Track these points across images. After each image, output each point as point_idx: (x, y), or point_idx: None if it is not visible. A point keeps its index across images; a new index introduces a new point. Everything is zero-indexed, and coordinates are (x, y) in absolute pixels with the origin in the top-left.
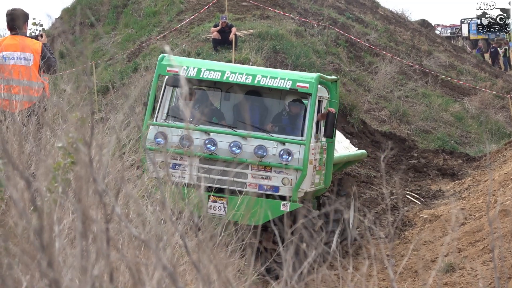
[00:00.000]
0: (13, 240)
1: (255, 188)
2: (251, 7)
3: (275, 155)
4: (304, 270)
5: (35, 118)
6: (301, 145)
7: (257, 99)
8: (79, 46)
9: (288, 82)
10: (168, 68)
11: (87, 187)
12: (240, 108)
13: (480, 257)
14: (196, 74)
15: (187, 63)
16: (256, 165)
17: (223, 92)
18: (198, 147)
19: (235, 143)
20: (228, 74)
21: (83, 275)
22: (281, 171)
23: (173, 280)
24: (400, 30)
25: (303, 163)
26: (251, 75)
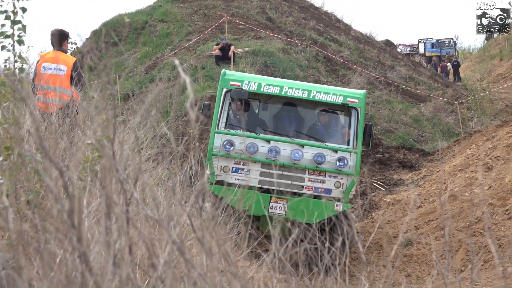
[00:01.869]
0: (50, 220)
1: (310, 190)
2: (247, 29)
3: (329, 161)
4: (289, 245)
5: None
6: (352, 153)
7: (309, 112)
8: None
9: (340, 97)
10: (231, 82)
11: (111, 176)
12: (291, 118)
13: (433, 233)
14: (257, 88)
15: (247, 78)
16: (313, 170)
17: (271, 104)
18: (263, 154)
19: (296, 150)
20: (286, 89)
21: (107, 249)
22: (335, 176)
23: (181, 253)
24: (368, 48)
25: (355, 169)
26: (307, 91)
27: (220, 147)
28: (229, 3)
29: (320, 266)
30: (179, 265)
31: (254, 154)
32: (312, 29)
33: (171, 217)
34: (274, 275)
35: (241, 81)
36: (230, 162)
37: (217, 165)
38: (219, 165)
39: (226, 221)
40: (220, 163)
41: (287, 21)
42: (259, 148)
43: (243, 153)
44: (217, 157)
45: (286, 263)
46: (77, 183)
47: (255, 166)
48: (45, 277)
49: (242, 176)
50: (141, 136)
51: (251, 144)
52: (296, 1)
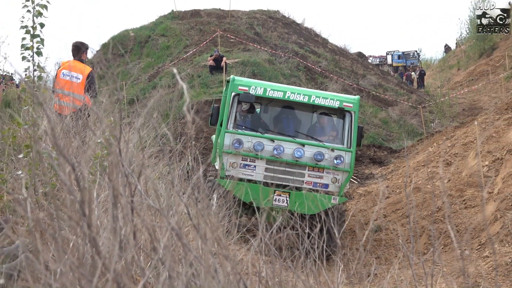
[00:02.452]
0: (64, 210)
1: (310, 185)
2: (237, 42)
3: (327, 159)
4: (274, 231)
5: (80, 121)
6: (347, 152)
7: (308, 114)
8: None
9: (336, 102)
10: (240, 87)
11: (118, 171)
12: (293, 120)
13: (400, 221)
14: (262, 93)
15: (254, 84)
16: (312, 167)
17: (274, 107)
18: (268, 152)
19: (298, 149)
20: (289, 94)
21: (114, 235)
22: (332, 172)
23: (179, 238)
24: (343, 59)
25: (350, 166)
26: (307, 95)
27: (229, 145)
28: (221, 20)
29: (301, 249)
30: (177, 248)
31: (261, 151)
32: (294, 43)
33: (170, 206)
34: (261, 258)
35: (249, 86)
36: (238, 159)
37: (226, 161)
38: (228, 161)
39: (219, 210)
40: (229, 159)
41: (272, 36)
42: (265, 147)
43: (250, 151)
44: (226, 154)
45: (271, 247)
46: (88, 177)
47: (261, 163)
48: (59, 259)
49: (249, 172)
50: (144, 136)
51: (258, 143)
52: (280, 18)
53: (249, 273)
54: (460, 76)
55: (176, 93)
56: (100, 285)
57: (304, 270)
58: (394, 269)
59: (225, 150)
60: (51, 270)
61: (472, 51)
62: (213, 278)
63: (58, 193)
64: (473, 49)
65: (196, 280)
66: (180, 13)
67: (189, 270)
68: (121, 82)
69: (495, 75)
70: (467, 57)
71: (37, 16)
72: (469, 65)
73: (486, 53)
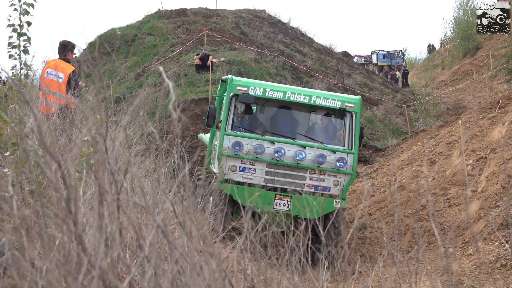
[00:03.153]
0: (50, 207)
1: (311, 188)
2: (223, 41)
3: (329, 161)
4: (259, 228)
5: (64, 119)
6: (349, 154)
7: (308, 115)
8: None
9: (338, 102)
10: (238, 88)
11: (104, 168)
12: (293, 121)
13: (384, 219)
14: (262, 93)
15: (253, 84)
16: (314, 169)
17: (273, 108)
18: (268, 155)
19: (299, 151)
20: (289, 94)
21: (100, 232)
22: (334, 175)
23: (165, 235)
24: (328, 59)
25: (352, 168)
26: (308, 96)
27: (228, 148)
28: (207, 19)
29: (286, 247)
30: (163, 246)
31: (261, 154)
32: (279, 42)
33: (156, 204)
34: (246, 255)
35: (248, 86)
36: (238, 162)
37: (226, 164)
38: (227, 165)
39: (204, 208)
40: (228, 162)
41: (258, 35)
42: (265, 149)
43: (250, 154)
44: (225, 157)
45: (256, 245)
46: (74, 175)
47: (261, 166)
48: (45, 257)
49: (248, 175)
50: (131, 134)
51: (258, 145)
52: (266, 18)
53: (235, 270)
54: (445, 76)
55: (163, 92)
56: (85, 282)
57: (289, 267)
58: (378, 267)
59: (225, 153)
60: (37, 268)
61: (457, 51)
62: (198, 276)
63: (45, 191)
64: (458, 49)
65: (182, 278)
66: (166, 12)
67: (175, 267)
68: (107, 81)
69: (479, 74)
70: (451, 57)
71: (24, 15)
72: (454, 64)
73: (470, 53)
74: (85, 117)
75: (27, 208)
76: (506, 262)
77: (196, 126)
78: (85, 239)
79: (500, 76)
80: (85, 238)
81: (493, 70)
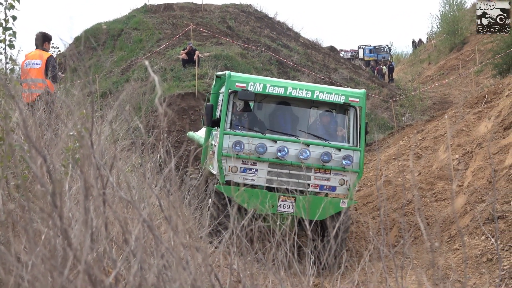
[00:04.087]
0: (35, 202)
1: (316, 188)
2: (210, 36)
3: (334, 160)
4: (245, 223)
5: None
6: (355, 151)
7: (311, 111)
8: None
9: (341, 97)
10: (237, 84)
11: (89, 163)
12: (294, 118)
13: (371, 213)
14: (262, 89)
15: (252, 80)
16: (319, 168)
17: (272, 104)
18: (270, 154)
19: (303, 150)
20: (290, 90)
21: (85, 227)
22: (339, 174)
23: (151, 230)
24: (315, 53)
25: (359, 166)
26: (310, 91)
27: (229, 148)
28: (194, 14)
29: (273, 241)
30: (149, 240)
31: (263, 154)
32: (266, 37)
33: (143, 199)
34: (232, 250)
35: (247, 82)
36: (238, 163)
37: (226, 165)
38: (227, 166)
39: (191, 203)
40: (228, 163)
41: (245, 30)
42: (268, 148)
43: (251, 153)
44: (225, 158)
45: (243, 239)
46: (60, 169)
47: (263, 166)
48: (31, 251)
49: (250, 176)
50: (117, 128)
51: (260, 145)
52: (253, 12)
53: (221, 265)
54: (431, 70)
55: (149, 86)
56: (71, 277)
57: (276, 262)
58: (364, 261)
59: (225, 153)
60: (22, 262)
61: (443, 46)
62: (184, 270)
63: (30, 186)
64: (444, 44)
65: (168, 272)
66: (153, 7)
67: (161, 261)
68: (93, 75)
69: (465, 69)
70: (437, 52)
71: (9, 9)
72: (440, 59)
73: (457, 48)
74: (70, 111)
75: (12, 202)
76: (492, 257)
77: (182, 120)
78: (71, 233)
79: (486, 71)
80: (71, 233)
81: (479, 65)
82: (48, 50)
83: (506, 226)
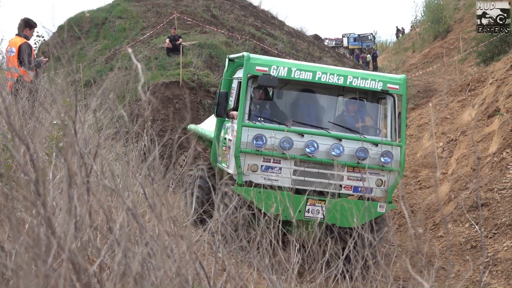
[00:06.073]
0: (19, 190)
1: (350, 190)
2: (194, 25)
3: (371, 157)
4: (229, 211)
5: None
6: (395, 147)
7: (341, 100)
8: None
9: (379, 83)
10: (257, 68)
11: (73, 151)
12: (324, 108)
13: None
14: (287, 74)
15: (275, 63)
16: (353, 167)
17: (302, 92)
18: (296, 150)
19: (336, 145)
20: (319, 75)
21: (69, 215)
22: (376, 173)
23: (135, 217)
24: (299, 42)
25: (400, 164)
26: (343, 76)
27: (248, 142)
28: (178, 2)
29: (257, 229)
30: (133, 229)
31: (289, 150)
32: (250, 25)
33: (127, 187)
34: (217, 238)
35: (269, 65)
36: (259, 160)
37: (244, 163)
38: (246, 164)
39: (175, 191)
40: (248, 161)
41: (229, 18)
42: (294, 143)
43: (274, 149)
44: (243, 155)
45: (227, 227)
46: (43, 158)
47: (288, 164)
48: (14, 240)
49: (273, 176)
50: (101, 117)
51: (285, 139)
52: (237, 1)
53: (206, 253)
54: (415, 59)
55: (133, 75)
56: (55, 265)
57: (260, 250)
58: (349, 248)
59: (243, 149)
60: (6, 251)
61: (427, 34)
62: (169, 258)
63: (14, 175)
64: (428, 32)
65: (152, 260)
66: None
67: (145, 250)
68: (77, 64)
69: (449, 57)
70: (422, 40)
71: None
72: (424, 47)
73: (441, 36)
74: (54, 100)
75: None
76: (476, 244)
77: (167, 109)
78: (55, 222)
79: (470, 59)
80: (55, 221)
81: (463, 53)
82: (29, 37)
83: (490, 214)
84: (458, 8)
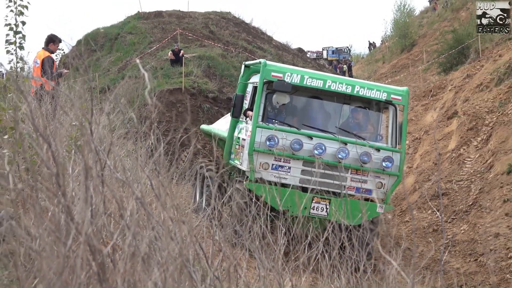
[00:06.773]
0: (42, 182)
1: (352, 190)
2: (194, 39)
3: (373, 161)
4: (225, 200)
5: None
6: (395, 153)
7: (349, 108)
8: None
9: (383, 94)
10: (273, 74)
11: (89, 149)
12: (331, 114)
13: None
14: (299, 81)
15: (289, 70)
16: (356, 169)
17: (309, 98)
18: (305, 151)
19: (342, 148)
20: (329, 83)
21: (86, 204)
22: (377, 176)
23: (142, 205)
24: (285, 54)
25: (398, 169)
26: (351, 85)
27: (261, 142)
28: (180, 20)
29: (249, 216)
30: (141, 215)
31: (298, 151)
32: (243, 40)
33: (136, 179)
34: (214, 223)
35: (284, 72)
36: (270, 159)
37: (257, 161)
38: (258, 162)
39: (179, 182)
40: (260, 159)
41: (225, 34)
42: (304, 145)
43: (285, 150)
44: (256, 153)
45: (223, 214)
46: (64, 154)
47: (297, 164)
48: (38, 226)
49: (282, 174)
50: (114, 119)
51: (296, 141)
52: (232, 19)
53: (204, 236)
54: (385, 68)
55: (142, 83)
56: (74, 247)
57: (251, 233)
58: (328, 233)
59: (256, 148)
60: (31, 235)
61: (395, 47)
62: (172, 240)
63: (38, 169)
64: (396, 45)
65: (158, 242)
66: (145, 14)
67: (152, 233)
68: (93, 73)
69: (414, 67)
70: (390, 52)
71: (19, 15)
72: (393, 59)
73: (407, 49)
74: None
75: (22, 183)
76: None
77: (171, 112)
78: (73, 210)
79: (432, 69)
80: (73, 209)
81: (426, 64)
82: (54, 51)
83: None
84: (422, 25)
